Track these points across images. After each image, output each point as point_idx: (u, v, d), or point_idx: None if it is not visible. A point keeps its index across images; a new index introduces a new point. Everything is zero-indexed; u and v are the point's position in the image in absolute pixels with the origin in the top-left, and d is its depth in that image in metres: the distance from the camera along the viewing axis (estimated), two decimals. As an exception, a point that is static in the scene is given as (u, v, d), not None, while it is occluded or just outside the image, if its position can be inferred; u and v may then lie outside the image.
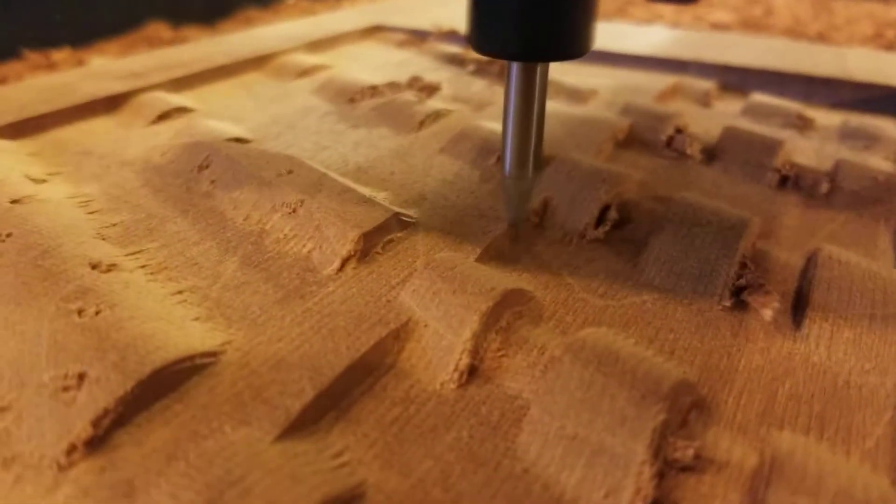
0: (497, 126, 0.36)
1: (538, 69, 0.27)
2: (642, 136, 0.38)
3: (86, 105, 0.38)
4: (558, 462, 0.19)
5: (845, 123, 0.42)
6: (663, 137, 0.38)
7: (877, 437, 0.20)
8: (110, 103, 0.39)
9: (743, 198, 0.33)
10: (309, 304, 0.23)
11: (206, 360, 0.20)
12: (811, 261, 0.27)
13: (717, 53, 0.53)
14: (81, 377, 0.19)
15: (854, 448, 0.19)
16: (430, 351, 0.22)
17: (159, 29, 0.73)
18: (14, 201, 0.27)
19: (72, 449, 0.18)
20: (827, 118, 0.44)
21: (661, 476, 0.18)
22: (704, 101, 0.46)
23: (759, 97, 0.46)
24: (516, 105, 0.27)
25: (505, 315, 0.23)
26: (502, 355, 0.22)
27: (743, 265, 0.26)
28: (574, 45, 0.25)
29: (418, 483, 0.18)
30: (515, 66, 0.27)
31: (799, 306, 0.25)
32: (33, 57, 0.65)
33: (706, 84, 0.48)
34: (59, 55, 0.66)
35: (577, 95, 0.45)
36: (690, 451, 0.19)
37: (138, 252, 0.26)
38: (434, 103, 0.41)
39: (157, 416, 0.19)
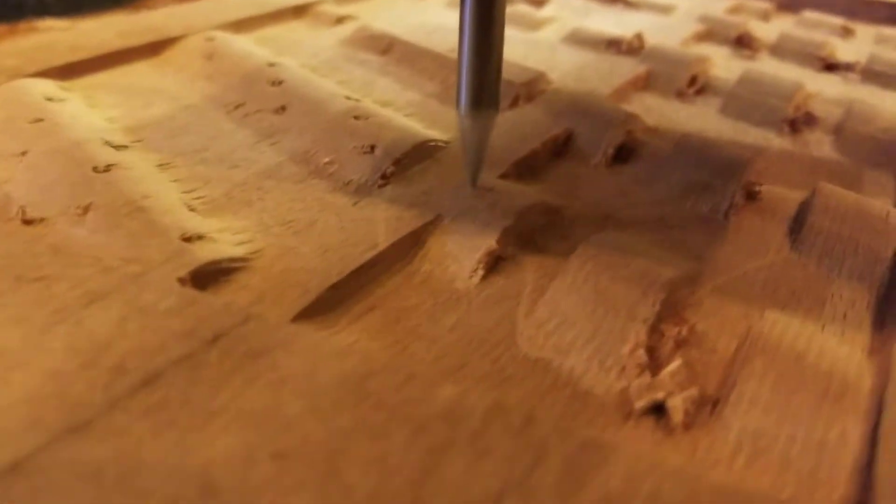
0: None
1: None
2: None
3: (279, 11, 0.49)
4: (558, 346, 0.21)
5: (878, 33, 0.52)
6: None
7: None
8: (297, 11, 0.50)
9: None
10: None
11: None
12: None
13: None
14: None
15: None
16: (454, 251, 0.25)
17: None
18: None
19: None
20: (864, 30, 0.54)
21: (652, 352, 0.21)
22: (764, 17, 0.56)
23: (810, 14, 0.56)
24: (471, 35, 0.26)
25: (529, 225, 0.26)
26: (519, 260, 0.25)
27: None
28: None
29: (420, 362, 0.20)
30: None
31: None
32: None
33: (765, 4, 0.58)
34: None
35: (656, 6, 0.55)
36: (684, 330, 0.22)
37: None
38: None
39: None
